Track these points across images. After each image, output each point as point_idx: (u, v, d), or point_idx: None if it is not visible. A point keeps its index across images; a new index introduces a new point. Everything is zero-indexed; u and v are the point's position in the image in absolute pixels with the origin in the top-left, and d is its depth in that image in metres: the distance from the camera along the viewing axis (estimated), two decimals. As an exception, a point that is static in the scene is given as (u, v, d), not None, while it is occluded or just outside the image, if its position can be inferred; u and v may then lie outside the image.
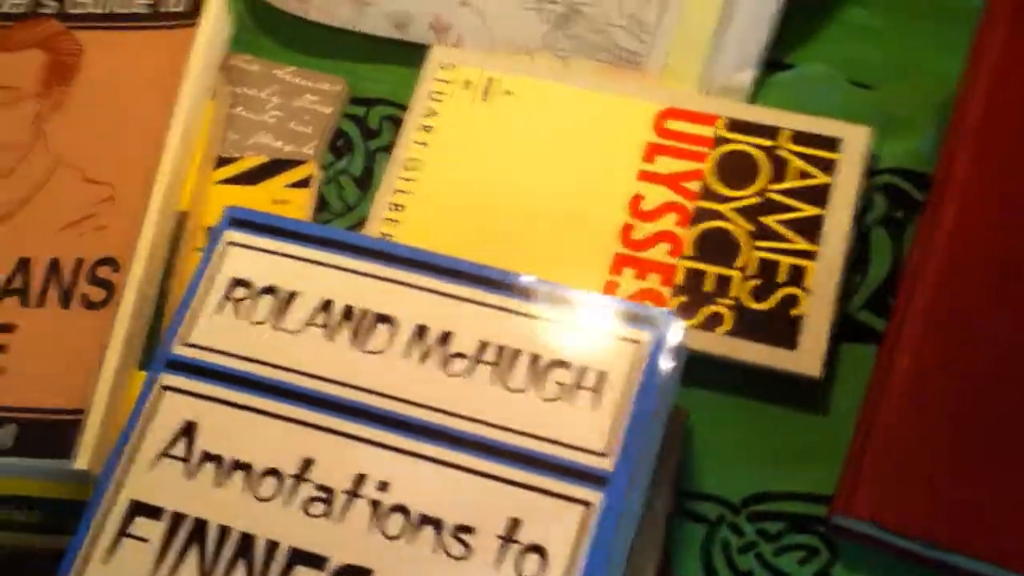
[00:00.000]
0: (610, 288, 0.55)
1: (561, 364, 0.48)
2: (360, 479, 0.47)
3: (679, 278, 0.55)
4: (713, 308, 0.54)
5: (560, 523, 0.45)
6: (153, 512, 0.47)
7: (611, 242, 0.56)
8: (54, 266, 0.53)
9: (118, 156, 0.55)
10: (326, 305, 0.50)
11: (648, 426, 0.46)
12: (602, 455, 0.46)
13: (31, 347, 0.51)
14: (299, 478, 0.47)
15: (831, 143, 0.56)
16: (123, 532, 0.47)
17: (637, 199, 0.57)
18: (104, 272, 0.53)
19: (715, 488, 0.52)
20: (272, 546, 0.46)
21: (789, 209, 0.55)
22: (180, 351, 0.50)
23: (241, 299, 0.51)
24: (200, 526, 0.47)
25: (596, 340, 0.48)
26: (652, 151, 0.58)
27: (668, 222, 0.56)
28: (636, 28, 0.59)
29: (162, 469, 0.48)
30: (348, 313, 0.50)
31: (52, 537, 0.51)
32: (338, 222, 0.59)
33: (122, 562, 0.46)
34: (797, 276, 0.54)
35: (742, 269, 0.55)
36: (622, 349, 0.48)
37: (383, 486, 0.47)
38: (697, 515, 0.52)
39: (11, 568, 0.53)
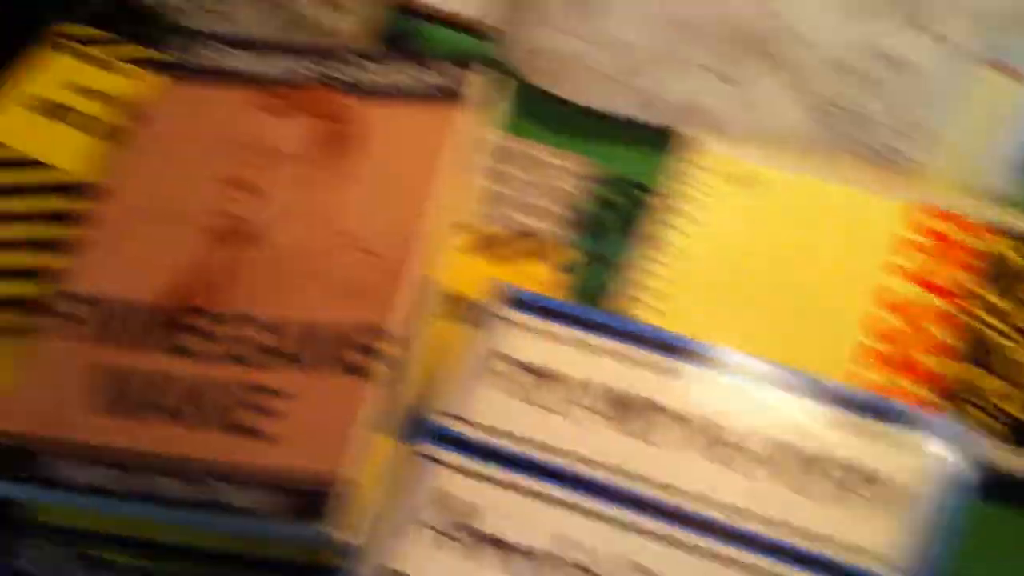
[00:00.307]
0: (851, 380, 0.54)
1: (859, 471, 0.47)
2: (638, 570, 0.47)
3: (931, 378, 0.54)
4: (976, 414, 0.53)
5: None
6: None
7: (854, 332, 0.55)
8: (319, 330, 0.54)
9: (386, 226, 0.56)
10: (608, 394, 0.50)
11: (946, 539, 0.46)
12: (885, 563, 0.45)
13: (295, 411, 0.52)
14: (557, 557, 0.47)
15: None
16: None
17: (884, 292, 0.57)
18: (366, 339, 0.53)
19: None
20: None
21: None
22: (455, 426, 0.50)
23: (518, 379, 0.51)
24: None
25: (877, 443, 0.48)
26: (902, 246, 0.57)
27: (919, 317, 0.56)
28: (910, 129, 0.59)
29: (439, 548, 0.48)
30: (630, 402, 0.50)
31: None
32: (584, 301, 0.59)
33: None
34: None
35: (1004, 376, 0.54)
36: (926, 461, 0.47)
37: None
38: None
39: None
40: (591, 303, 0.59)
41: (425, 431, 0.51)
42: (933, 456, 0.48)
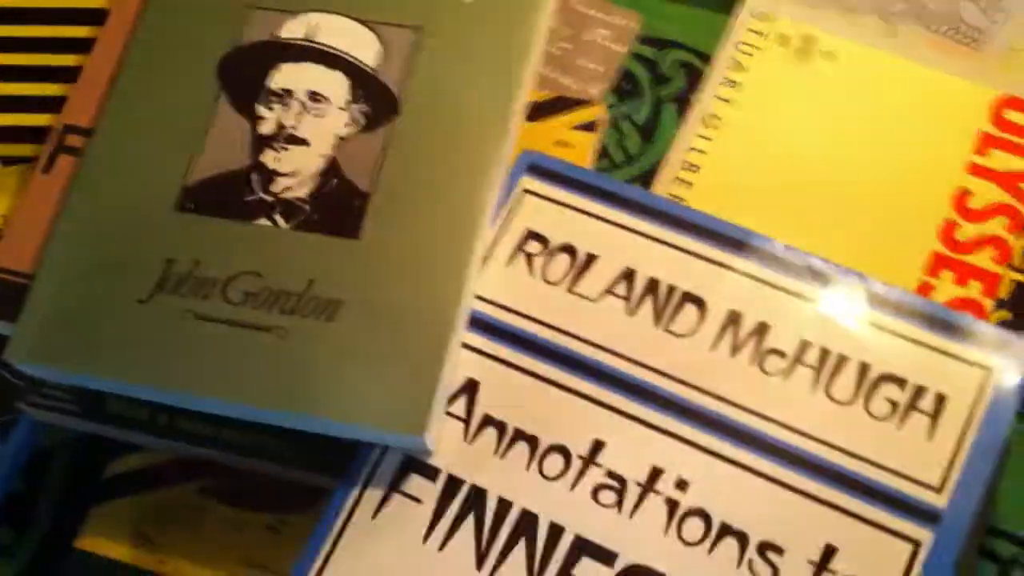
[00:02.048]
0: (924, 291, 0.50)
1: (895, 380, 0.43)
2: (656, 473, 0.43)
3: (1004, 290, 0.50)
4: (1044, 332, 0.49)
5: (883, 559, 0.41)
6: (429, 471, 0.45)
7: (929, 239, 0.50)
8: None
9: None
10: (628, 274, 0.46)
11: (989, 464, 0.42)
12: (936, 490, 0.42)
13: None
14: (589, 460, 0.44)
15: None
16: (395, 488, 0.45)
17: (964, 195, 0.51)
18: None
19: (1012, 526, 0.48)
20: (556, 530, 0.43)
21: None
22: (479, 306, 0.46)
23: (535, 254, 0.47)
24: (479, 494, 0.44)
25: (936, 359, 0.43)
26: (986, 143, 0.52)
27: (997, 226, 0.50)
28: (986, 3, 0.53)
29: (440, 426, 0.45)
30: (653, 286, 0.46)
31: (293, 471, 0.49)
32: (617, 173, 0.54)
33: (391, 521, 0.44)
34: None
35: (1082, 292, 0.50)
36: (968, 373, 0.43)
37: (682, 485, 0.43)
38: (990, 552, 0.48)
39: (263, 494, 0.50)
40: (624, 175, 0.54)
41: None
42: (997, 376, 0.43)
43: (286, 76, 0.50)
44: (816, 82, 0.53)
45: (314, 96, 0.49)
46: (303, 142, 0.49)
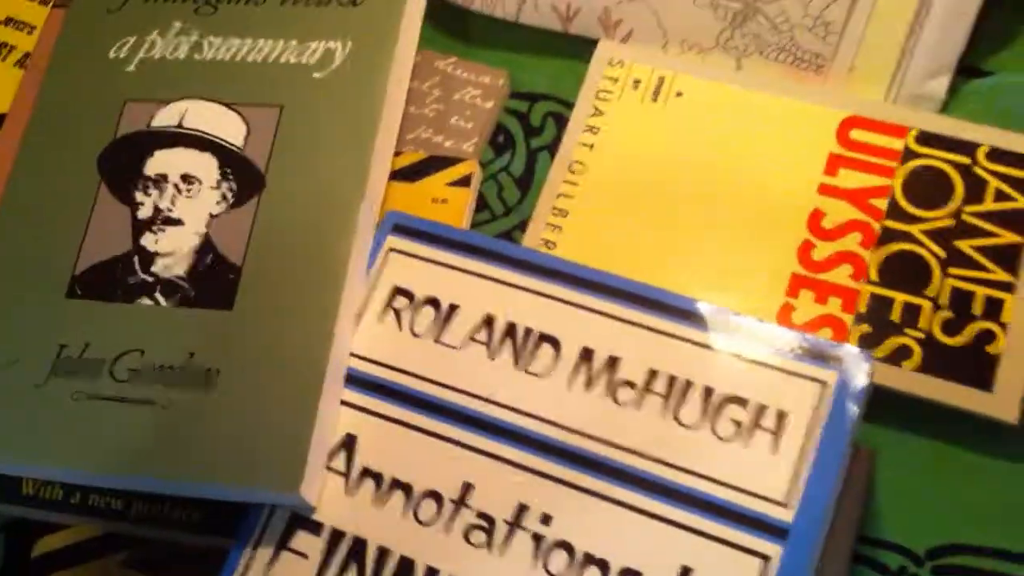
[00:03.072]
0: (786, 311, 0.51)
1: (737, 400, 0.45)
2: (522, 509, 0.45)
3: (863, 305, 0.51)
4: (900, 340, 0.50)
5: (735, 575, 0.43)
6: (313, 527, 0.47)
7: (788, 261, 0.52)
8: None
9: None
10: (488, 321, 0.48)
11: (832, 475, 0.43)
12: (782, 505, 0.43)
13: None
14: (460, 503, 0.46)
15: (1035, 162, 0.52)
16: (283, 545, 0.46)
17: (817, 215, 0.53)
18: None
19: (898, 536, 0.49)
20: (432, 573, 0.45)
21: (986, 234, 0.51)
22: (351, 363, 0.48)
23: (402, 309, 0.49)
24: (359, 545, 0.46)
25: (776, 377, 0.45)
26: (835, 163, 0.53)
27: (851, 242, 0.52)
28: (821, 28, 0.55)
29: (320, 481, 0.47)
30: (511, 331, 0.48)
31: (204, 538, 0.51)
32: (497, 223, 0.57)
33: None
34: (994, 309, 0.50)
35: (933, 299, 0.51)
36: (805, 388, 0.45)
37: (546, 519, 0.45)
38: (877, 564, 0.49)
39: (181, 562, 0.52)
40: (504, 225, 0.57)
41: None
42: (833, 389, 0.44)
43: (160, 162, 0.53)
44: (671, 121, 0.55)
45: (186, 178, 0.52)
46: (178, 222, 0.52)
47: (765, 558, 0.42)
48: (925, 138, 0.53)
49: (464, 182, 0.57)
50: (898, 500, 0.49)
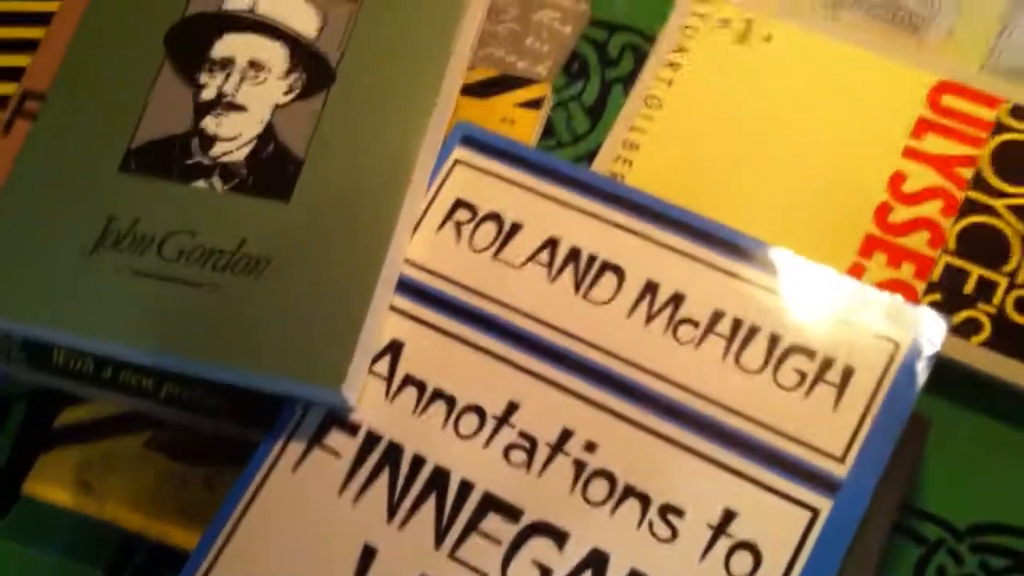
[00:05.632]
0: (856, 272, 0.50)
1: (804, 351, 0.44)
2: (566, 435, 0.44)
3: (936, 273, 0.49)
4: (971, 313, 0.48)
5: (781, 525, 0.41)
6: (349, 427, 0.45)
7: (864, 221, 0.50)
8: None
9: None
10: (551, 243, 0.47)
11: (892, 437, 0.42)
12: (839, 460, 0.42)
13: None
14: (503, 421, 0.44)
15: None
16: (317, 441, 0.45)
17: (899, 178, 0.51)
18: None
19: (941, 509, 0.48)
20: (466, 487, 0.44)
21: (1071, 216, 0.50)
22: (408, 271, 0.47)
23: (463, 222, 0.48)
24: (395, 451, 0.45)
25: (847, 331, 0.44)
26: (922, 127, 0.52)
27: (931, 209, 0.50)
28: (927, -10, 0.53)
29: (362, 383, 0.46)
30: (574, 255, 0.47)
31: (232, 426, 0.50)
32: (563, 152, 0.55)
33: (310, 474, 0.45)
34: (1072, 292, 0.49)
35: (1010, 275, 0.49)
36: (876, 346, 0.43)
37: (590, 447, 0.44)
38: (916, 534, 0.47)
39: (203, 449, 0.51)
40: (569, 154, 0.55)
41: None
42: (906, 351, 0.42)
43: (228, 46, 0.51)
44: (756, 65, 0.54)
45: (254, 64, 0.51)
46: (241, 108, 0.50)
47: (814, 511, 0.41)
48: (1019, 112, 0.51)
49: (535, 104, 0.55)
50: (945, 473, 0.48)
